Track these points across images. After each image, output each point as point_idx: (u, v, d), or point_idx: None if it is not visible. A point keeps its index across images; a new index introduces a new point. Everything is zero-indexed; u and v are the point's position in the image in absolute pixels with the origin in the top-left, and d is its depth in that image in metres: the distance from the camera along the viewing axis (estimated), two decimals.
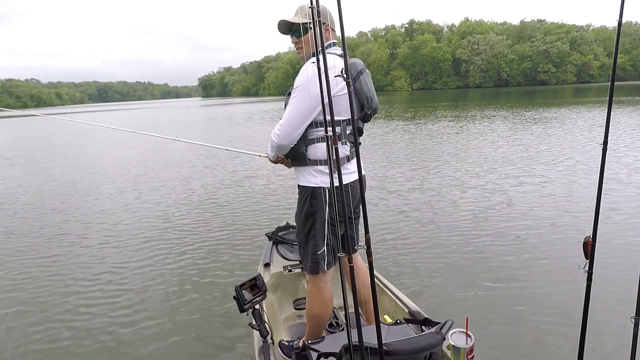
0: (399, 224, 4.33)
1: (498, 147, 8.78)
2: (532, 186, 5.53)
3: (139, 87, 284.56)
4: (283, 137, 1.61)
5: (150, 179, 7.28)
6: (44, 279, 3.41)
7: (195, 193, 6.10)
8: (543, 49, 72.50)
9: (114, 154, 10.88)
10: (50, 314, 2.85)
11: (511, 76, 75.66)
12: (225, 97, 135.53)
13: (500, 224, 4.14)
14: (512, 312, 2.57)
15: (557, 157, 7.36)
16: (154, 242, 4.11)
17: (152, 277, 3.31)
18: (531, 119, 14.15)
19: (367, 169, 7.10)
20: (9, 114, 48.40)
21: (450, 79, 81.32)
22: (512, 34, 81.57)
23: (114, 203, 5.74)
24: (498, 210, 4.61)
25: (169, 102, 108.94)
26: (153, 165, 8.82)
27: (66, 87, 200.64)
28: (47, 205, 5.83)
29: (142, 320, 2.68)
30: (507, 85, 75.03)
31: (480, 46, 76.95)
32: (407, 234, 4.02)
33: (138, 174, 7.79)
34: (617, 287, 2.75)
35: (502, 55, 75.70)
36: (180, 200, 5.74)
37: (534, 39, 75.40)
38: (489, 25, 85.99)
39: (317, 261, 1.70)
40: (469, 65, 78.17)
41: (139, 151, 11.00)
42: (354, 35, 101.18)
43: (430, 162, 7.54)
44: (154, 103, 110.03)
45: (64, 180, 7.68)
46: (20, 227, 4.87)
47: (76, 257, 3.83)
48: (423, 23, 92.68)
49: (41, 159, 10.67)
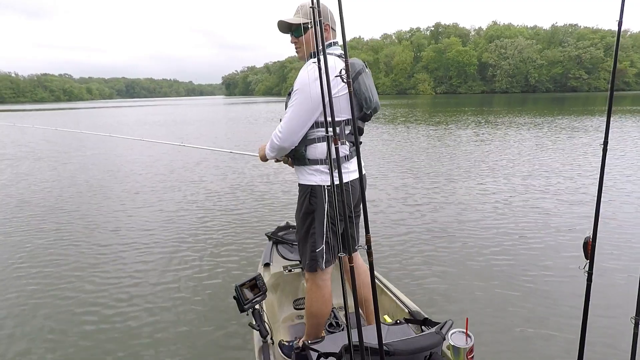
0: (399, 223, 4.32)
1: (507, 149, 8.57)
2: (533, 186, 5.54)
3: (164, 84, 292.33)
4: (284, 140, 1.62)
5: (158, 181, 7.25)
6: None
7: (195, 193, 6.10)
8: (575, 55, 69.97)
9: (130, 158, 11.01)
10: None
11: (540, 82, 73.34)
12: (247, 95, 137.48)
13: (500, 224, 4.14)
14: (512, 312, 2.57)
15: (563, 164, 7.22)
16: (153, 242, 4.10)
17: (152, 277, 3.30)
18: (556, 126, 13.69)
19: (372, 168, 7.12)
20: (45, 107, 50.40)
21: (476, 83, 79.69)
22: (542, 39, 79.10)
23: (115, 204, 5.63)
24: (498, 210, 4.62)
25: (193, 100, 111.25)
26: (159, 167, 8.94)
27: (96, 82, 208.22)
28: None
29: (141, 320, 2.68)
30: (535, 91, 72.85)
31: (508, 50, 74.99)
32: (408, 234, 4.01)
33: (143, 175, 7.70)
34: (617, 287, 2.76)
35: (530, 60, 73.51)
36: (179, 199, 5.73)
37: (566, 44, 72.87)
38: (518, 29, 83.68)
39: (315, 259, 1.71)
40: (495, 69, 76.32)
41: (151, 153, 11.14)
42: (378, 38, 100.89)
43: (432, 163, 7.51)
44: (179, 100, 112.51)
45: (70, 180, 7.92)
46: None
47: (70, 257, 3.80)
48: (449, 26, 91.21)
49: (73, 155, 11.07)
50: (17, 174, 7.85)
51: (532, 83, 73.79)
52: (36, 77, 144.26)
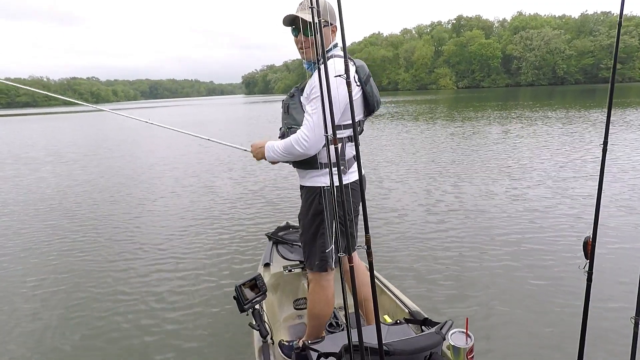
0: (399, 223, 4.29)
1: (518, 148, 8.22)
2: (533, 187, 5.37)
3: (186, 85, 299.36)
4: (311, 147, 1.56)
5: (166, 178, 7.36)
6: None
7: (195, 192, 6.15)
8: (607, 44, 66.56)
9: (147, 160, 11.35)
10: None
11: (568, 73, 70.33)
12: (267, 94, 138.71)
13: (500, 225, 4.09)
14: (512, 312, 2.56)
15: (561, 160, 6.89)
16: (153, 241, 4.13)
17: (151, 277, 3.32)
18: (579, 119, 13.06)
19: (373, 169, 7.08)
20: (75, 109, 52.50)
21: (500, 76, 77.36)
22: (571, 28, 75.69)
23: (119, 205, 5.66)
24: (499, 211, 4.53)
25: (213, 100, 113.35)
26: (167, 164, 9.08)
27: (121, 84, 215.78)
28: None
29: (140, 320, 2.69)
30: (564, 83, 69.99)
31: (534, 42, 72.26)
32: (408, 234, 3.98)
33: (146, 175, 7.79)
34: (617, 287, 2.74)
35: (558, 51, 70.56)
36: (179, 199, 5.77)
37: (597, 33, 69.43)
38: (545, 19, 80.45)
39: (325, 259, 1.72)
40: (520, 62, 73.78)
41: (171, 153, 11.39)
42: (397, 33, 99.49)
43: (434, 164, 7.34)
44: (200, 100, 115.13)
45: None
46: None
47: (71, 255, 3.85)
48: (471, 18, 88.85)
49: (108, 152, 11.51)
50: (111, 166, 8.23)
51: (560, 75, 70.84)
52: (66, 81, 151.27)
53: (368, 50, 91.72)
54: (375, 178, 6.34)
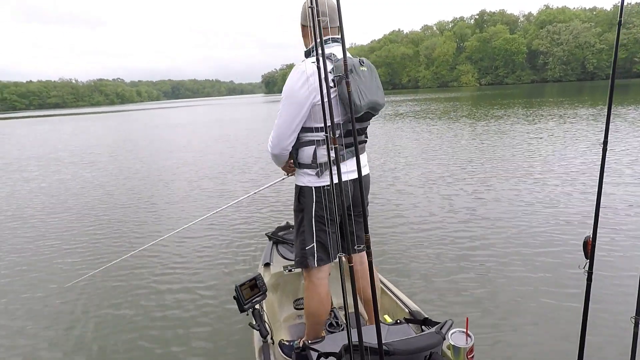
0: (399, 223, 4.25)
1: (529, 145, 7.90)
2: (533, 187, 5.29)
3: (207, 85, 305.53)
4: (274, 147, 1.66)
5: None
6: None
7: (195, 192, 6.16)
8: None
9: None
10: None
11: (599, 68, 67.17)
12: None
13: (500, 225, 4.06)
14: (513, 311, 2.56)
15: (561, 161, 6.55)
16: (152, 241, 4.12)
17: (151, 277, 3.33)
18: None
19: (376, 166, 6.98)
20: (102, 110, 54.32)
21: (525, 72, 74.87)
22: (602, 21, 72.25)
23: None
24: (499, 210, 4.49)
25: (234, 99, 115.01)
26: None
27: (145, 85, 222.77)
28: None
29: (140, 320, 2.71)
30: (594, 78, 66.87)
31: (561, 36, 69.48)
32: (408, 234, 3.94)
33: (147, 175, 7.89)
34: (617, 287, 2.73)
35: (588, 45, 67.54)
36: (178, 199, 5.79)
37: (631, 25, 65.98)
38: (574, 12, 77.14)
39: (304, 256, 1.73)
40: (547, 57, 71.12)
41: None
42: (418, 29, 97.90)
43: (435, 164, 7.21)
44: (221, 100, 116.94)
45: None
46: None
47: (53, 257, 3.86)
48: (495, 13, 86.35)
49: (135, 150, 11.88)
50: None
51: (589, 70, 67.82)
52: (93, 83, 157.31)
53: (388, 47, 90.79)
54: (384, 177, 6.29)
